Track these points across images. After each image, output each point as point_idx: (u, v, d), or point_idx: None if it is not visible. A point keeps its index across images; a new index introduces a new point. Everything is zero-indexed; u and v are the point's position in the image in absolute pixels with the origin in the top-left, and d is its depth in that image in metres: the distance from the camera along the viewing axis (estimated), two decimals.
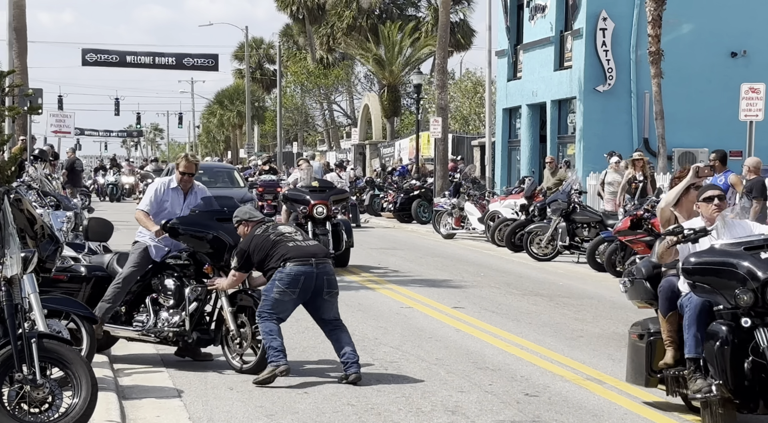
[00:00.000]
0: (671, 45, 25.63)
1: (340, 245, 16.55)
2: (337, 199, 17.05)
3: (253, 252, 8.74)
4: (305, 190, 16.97)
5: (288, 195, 17.20)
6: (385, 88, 52.15)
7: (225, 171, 26.49)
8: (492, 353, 10.13)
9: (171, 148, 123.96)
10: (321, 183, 17.56)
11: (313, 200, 16.31)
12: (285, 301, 8.60)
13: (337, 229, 16.58)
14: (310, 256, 8.64)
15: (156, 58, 45.74)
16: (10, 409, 6.29)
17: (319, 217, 16.23)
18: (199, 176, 25.23)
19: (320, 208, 16.21)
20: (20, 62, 26.76)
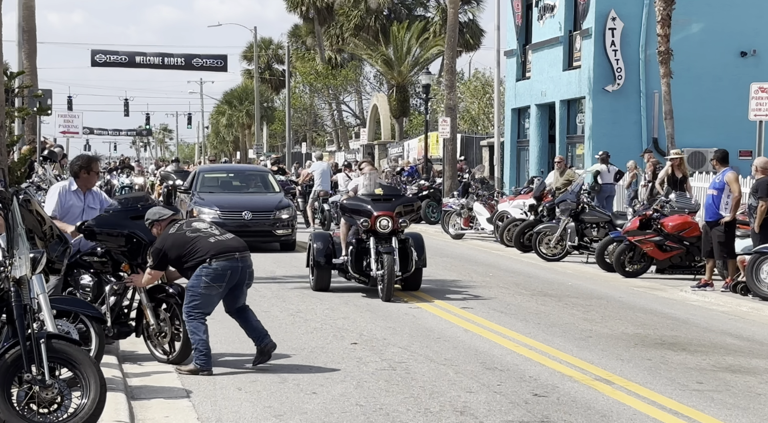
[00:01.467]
0: (680, 44, 25.58)
1: (409, 265, 13.82)
2: (405, 209, 14.15)
3: (169, 250, 8.90)
4: (367, 198, 14.09)
5: (346, 205, 14.31)
6: (394, 89, 52.17)
7: (258, 174, 23.66)
8: (501, 353, 10.12)
9: (180, 148, 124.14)
10: (386, 190, 14.40)
11: (376, 211, 13.65)
12: (212, 295, 8.90)
13: (405, 246, 13.83)
14: (234, 251, 8.91)
15: (165, 58, 45.81)
16: (19, 409, 6.31)
17: (383, 231, 13.57)
18: (229, 180, 22.60)
19: (384, 220, 13.54)
20: (30, 63, 26.82)
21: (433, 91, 45.81)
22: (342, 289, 14.47)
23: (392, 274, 13.19)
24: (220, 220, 18.98)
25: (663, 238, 16.48)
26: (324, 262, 14.16)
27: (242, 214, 19.98)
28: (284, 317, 12.33)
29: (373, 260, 13.48)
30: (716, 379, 9.14)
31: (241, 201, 20.73)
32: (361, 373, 9.17)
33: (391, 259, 13.25)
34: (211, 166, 28.86)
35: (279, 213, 20.24)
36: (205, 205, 20.15)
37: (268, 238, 20.13)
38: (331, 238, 14.49)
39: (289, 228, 20.29)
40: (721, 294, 14.60)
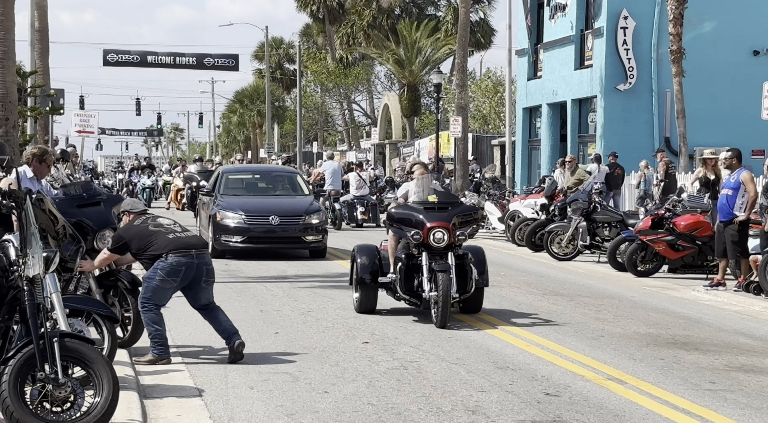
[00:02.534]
0: (693, 43, 25.53)
1: (468, 285, 11.76)
2: (463, 219, 12.17)
3: (131, 239, 9.25)
4: (418, 207, 11.96)
5: (394, 214, 12.25)
6: (405, 88, 52.16)
7: (286, 176, 21.84)
8: (512, 353, 10.11)
9: (191, 147, 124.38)
10: (441, 197, 12.23)
11: (429, 222, 11.67)
12: (166, 288, 9.21)
13: (464, 263, 11.81)
14: (190, 248, 9.21)
15: (177, 58, 45.89)
16: (33, 407, 6.32)
17: (437, 245, 11.58)
18: (255, 181, 21.25)
19: (439, 232, 11.59)
20: (42, 63, 26.92)
21: (445, 91, 45.79)
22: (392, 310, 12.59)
23: (448, 296, 11.15)
24: (245, 225, 18.39)
25: (675, 237, 16.44)
26: (370, 279, 12.18)
27: (269, 218, 18.64)
28: (296, 316, 12.34)
29: (425, 279, 11.45)
30: (729, 379, 9.11)
31: (267, 204, 19.37)
32: (372, 372, 9.17)
33: (446, 278, 11.20)
34: (235, 167, 26.58)
35: (309, 218, 18.88)
36: (229, 209, 18.82)
37: (297, 244, 18.97)
38: (378, 251, 12.49)
39: (319, 234, 18.92)
40: (733, 293, 14.56)
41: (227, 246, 18.48)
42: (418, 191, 12.25)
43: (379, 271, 12.19)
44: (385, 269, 12.18)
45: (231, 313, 12.50)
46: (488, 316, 12.38)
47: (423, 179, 12.48)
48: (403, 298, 12.01)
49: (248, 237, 18.44)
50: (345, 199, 27.29)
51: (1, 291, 6.64)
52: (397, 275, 11.82)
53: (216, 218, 18.61)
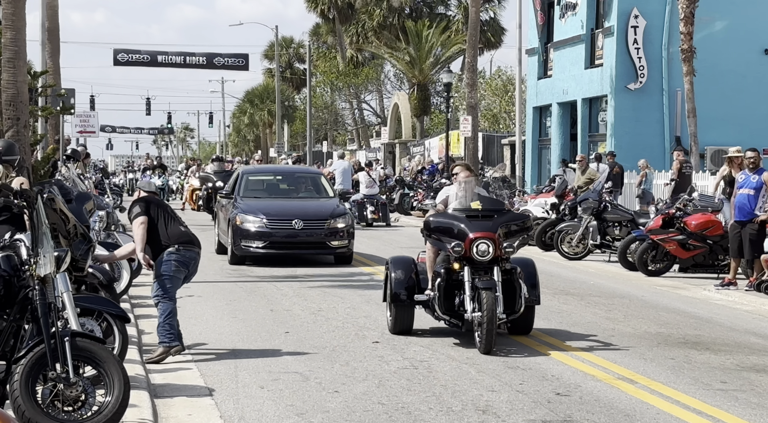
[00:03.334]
0: (704, 42, 25.45)
1: (517, 304, 10.30)
2: (511, 229, 10.54)
3: (151, 202, 9.66)
4: (460, 215, 10.49)
5: (433, 223, 10.69)
6: (415, 87, 52.13)
7: (309, 177, 20.60)
8: (522, 352, 10.09)
9: (202, 147, 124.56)
10: (485, 204, 10.69)
11: (473, 232, 10.21)
12: (179, 278, 9.63)
13: (511, 278, 10.35)
14: (196, 246, 9.79)
15: (187, 57, 45.96)
16: (44, 407, 6.34)
17: (481, 258, 10.14)
18: (277, 183, 20.24)
19: (483, 244, 10.14)
20: (53, 62, 26.98)
21: (455, 90, 45.75)
22: (431, 331, 11.21)
23: (494, 318, 9.78)
24: (266, 229, 17.43)
25: (686, 236, 16.40)
26: (406, 296, 10.78)
27: (292, 222, 17.53)
28: (306, 316, 12.35)
29: (467, 297, 10.04)
30: (740, 379, 9.09)
31: (290, 208, 18.25)
32: (383, 371, 9.17)
33: (491, 296, 9.81)
34: (256, 168, 25.03)
35: (334, 221, 17.73)
36: (249, 212, 17.70)
37: (322, 249, 17.96)
38: (415, 264, 11.08)
39: (345, 238, 17.80)
40: (744, 293, 14.51)
41: (248, 251, 17.55)
42: (461, 197, 10.68)
43: (416, 286, 10.80)
44: (423, 284, 10.76)
45: (241, 313, 12.54)
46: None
47: (466, 183, 10.79)
48: (442, 319, 10.56)
49: (270, 242, 17.46)
50: (355, 199, 27.30)
51: (13, 290, 6.65)
52: (436, 292, 10.34)
53: (236, 222, 17.58)
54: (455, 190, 10.94)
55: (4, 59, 15.45)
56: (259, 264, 17.54)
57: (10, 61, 15.18)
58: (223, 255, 18.48)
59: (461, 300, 10.22)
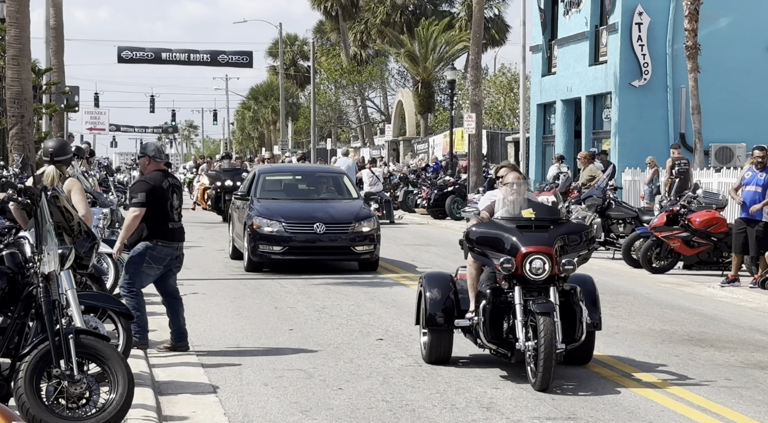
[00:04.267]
0: (708, 39, 25.39)
1: (577, 332, 8.73)
2: (570, 242, 8.92)
3: (155, 190, 9.52)
4: (509, 225, 8.88)
5: (476, 235, 9.01)
6: (419, 84, 52.11)
7: (330, 177, 19.05)
8: None
9: (206, 144, 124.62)
10: (539, 212, 9.06)
11: (525, 246, 8.62)
12: (150, 274, 9.60)
13: (570, 301, 8.80)
14: (178, 242, 9.68)
15: (191, 55, 45.98)
16: (48, 404, 6.35)
17: (535, 277, 8.59)
18: (296, 183, 18.94)
19: (537, 260, 8.57)
20: (57, 60, 27.01)
21: (459, 87, 45.73)
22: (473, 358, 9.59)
23: (552, 349, 8.21)
24: (286, 233, 16.20)
25: (690, 233, 16.38)
26: (443, 320, 9.25)
27: (313, 226, 16.27)
28: (310, 313, 12.35)
29: (519, 323, 8.50)
30: (745, 376, 9.08)
31: (311, 210, 16.91)
32: (386, 369, 9.17)
33: (549, 323, 8.27)
34: (273, 167, 22.93)
35: (358, 225, 16.47)
36: (267, 216, 16.44)
37: (346, 255, 16.60)
38: (453, 282, 9.52)
39: (371, 243, 16.49)
40: (749, 290, 14.49)
41: (265, 257, 16.29)
42: (510, 202, 9.09)
43: (455, 308, 9.25)
44: (463, 306, 9.23)
45: (245, 310, 12.55)
46: None
47: (516, 187, 9.17)
48: (487, 347, 8.95)
49: (289, 247, 16.18)
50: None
51: (17, 288, 6.66)
52: (480, 316, 8.81)
53: (252, 226, 16.29)
54: (502, 196, 9.25)
55: (8, 57, 15.48)
56: (277, 271, 16.34)
57: (14, 58, 15.21)
58: (238, 261, 17.43)
59: (510, 326, 8.64)
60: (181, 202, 9.98)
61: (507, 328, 8.71)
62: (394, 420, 7.47)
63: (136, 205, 9.49)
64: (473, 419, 7.52)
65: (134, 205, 9.50)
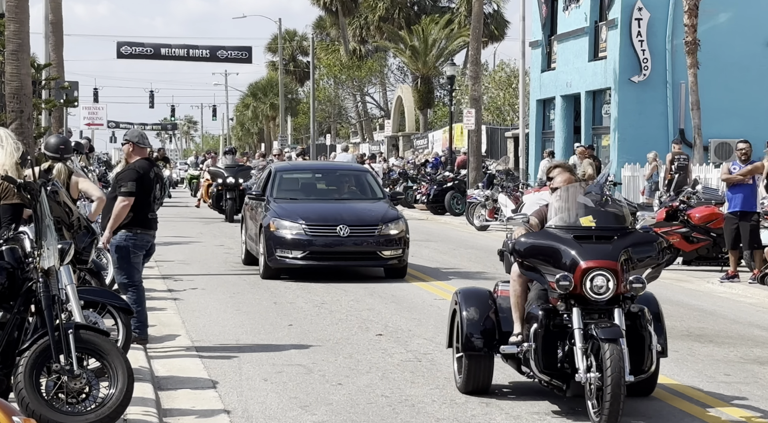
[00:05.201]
0: (708, 35, 25.39)
1: (645, 361, 7.38)
2: (638, 255, 7.51)
3: (144, 176, 9.56)
4: (564, 235, 7.51)
5: (523, 246, 7.56)
6: (419, 80, 52.11)
7: (353, 175, 17.60)
8: None
9: (205, 140, 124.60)
10: (600, 219, 7.68)
11: (585, 260, 7.26)
12: (137, 262, 9.68)
13: (638, 325, 7.42)
14: (153, 230, 9.79)
15: (190, 50, 45.95)
16: (48, 399, 6.35)
17: (597, 296, 7.24)
18: (316, 182, 17.45)
19: (600, 277, 7.21)
20: (56, 55, 26.98)
21: (458, 83, 45.70)
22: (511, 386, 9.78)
23: (620, 383, 6.92)
24: (306, 236, 14.79)
25: (690, 229, 16.38)
26: (482, 345, 7.97)
27: (336, 228, 14.84)
28: (309, 308, 12.36)
29: (578, 351, 7.14)
30: (744, 371, 9.08)
31: (334, 211, 15.50)
32: (386, 364, 9.18)
33: (616, 352, 6.96)
34: (291, 164, 21.38)
35: (386, 227, 14.99)
36: (286, 217, 15.05)
37: (372, 261, 15.19)
38: (493, 299, 8.23)
39: (399, 247, 15.02)
40: (748, 286, 14.50)
41: (284, 263, 14.81)
42: (563, 209, 7.74)
43: (497, 330, 8.00)
44: (505, 327, 7.97)
45: (244, 305, 12.56)
46: None
47: (570, 191, 7.90)
48: (539, 378, 7.53)
49: (310, 252, 14.76)
50: None
51: (17, 283, 6.66)
52: (531, 342, 7.44)
53: (269, 228, 14.89)
54: (555, 200, 7.88)
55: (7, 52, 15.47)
56: (296, 278, 14.89)
57: (13, 53, 15.20)
58: (252, 266, 15.93)
59: (566, 352, 7.32)
60: (161, 193, 10.01)
61: (562, 356, 7.36)
62: (393, 415, 7.47)
63: (125, 194, 9.46)
64: (473, 414, 7.53)
65: (123, 195, 9.47)
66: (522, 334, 7.65)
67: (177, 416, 7.38)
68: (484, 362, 8.05)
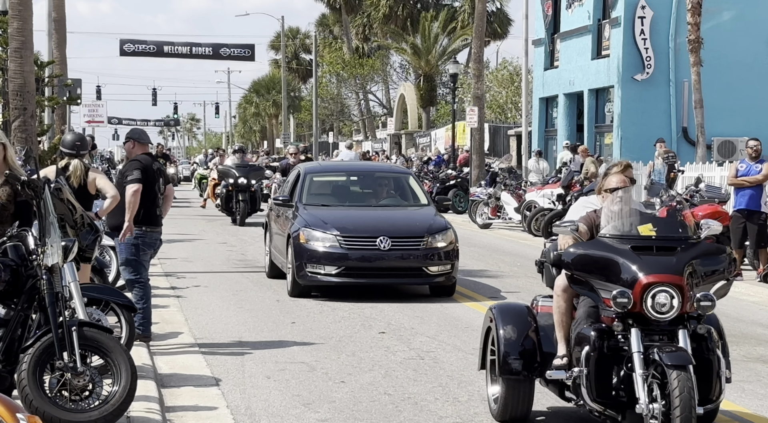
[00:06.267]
0: (711, 33, 25.37)
1: (714, 389, 6.49)
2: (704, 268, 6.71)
3: (147, 168, 9.61)
4: (620, 246, 6.59)
5: (571, 257, 6.75)
6: (421, 78, 52.11)
7: (392, 177, 15.48)
8: None
9: (207, 137, 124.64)
10: (660, 227, 6.73)
11: (645, 274, 6.39)
12: (146, 260, 9.72)
13: (704, 347, 6.52)
14: (160, 226, 9.80)
15: (193, 48, 45.93)
16: (52, 396, 6.36)
17: (660, 316, 6.39)
18: (349, 183, 15.55)
19: (663, 293, 6.36)
20: (59, 53, 27.00)
21: (461, 81, 45.70)
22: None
23: (690, 414, 6.08)
24: (341, 249, 12.90)
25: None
26: (522, 367, 7.16)
27: (376, 241, 12.91)
28: (312, 306, 12.36)
29: (638, 378, 6.24)
30: (747, 370, 9.08)
31: (373, 220, 13.60)
32: (389, 362, 9.18)
33: (685, 380, 6.10)
34: (321, 165, 18.57)
35: (432, 239, 13.10)
36: (317, 226, 13.16)
37: (417, 278, 13.24)
38: (533, 317, 7.42)
39: (448, 262, 13.16)
40: (751, 284, 14.49)
41: (315, 280, 12.98)
42: (619, 216, 6.74)
43: (538, 351, 7.17)
44: (545, 346, 7.15)
45: (247, 303, 12.56)
46: None
47: (625, 194, 6.87)
48: (591, 407, 6.60)
49: (346, 267, 12.91)
50: None
51: (20, 280, 6.67)
52: (583, 367, 6.51)
53: (299, 240, 13.04)
54: (608, 205, 6.86)
55: (11, 49, 15.48)
56: (329, 296, 13.06)
57: (17, 51, 15.21)
58: (278, 280, 14.24)
59: (621, 379, 6.44)
60: (166, 187, 9.94)
61: (617, 383, 6.46)
62: (396, 413, 7.48)
63: (133, 181, 9.47)
64: (475, 412, 7.53)
65: (132, 182, 9.48)
66: (567, 356, 6.78)
67: (180, 413, 7.39)
68: (524, 387, 7.23)
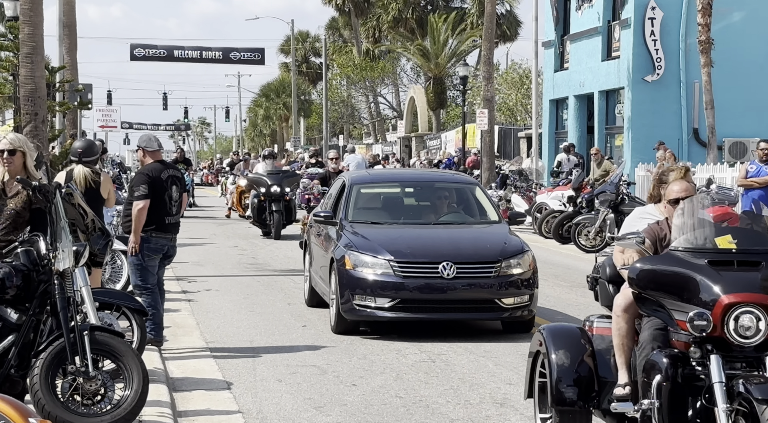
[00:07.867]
0: (721, 33, 25.30)
1: None
2: None
3: (155, 180, 9.61)
4: (696, 261, 5.80)
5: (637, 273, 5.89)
6: (431, 80, 52.08)
7: (455, 188, 12.87)
8: None
9: (218, 141, 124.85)
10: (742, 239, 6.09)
11: (727, 293, 5.57)
12: (153, 265, 9.67)
13: None
14: (172, 234, 9.77)
15: (203, 52, 46.04)
16: (64, 400, 6.38)
17: (744, 341, 5.55)
18: (404, 198, 13.03)
19: (748, 315, 5.53)
20: (70, 58, 27.08)
21: (471, 83, 45.67)
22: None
23: None
24: (395, 277, 10.57)
25: None
26: (577, 396, 6.35)
27: (438, 267, 10.56)
28: (323, 309, 12.35)
29: (721, 413, 5.40)
30: None
31: (433, 241, 11.18)
32: (400, 364, 9.18)
33: None
34: (370, 175, 14.93)
35: (507, 265, 10.76)
36: (367, 250, 10.84)
37: (488, 312, 10.81)
38: (589, 339, 6.53)
39: (526, 292, 10.79)
40: None
41: (364, 314, 10.66)
42: (690, 228, 6.03)
43: (594, 378, 6.36)
44: (602, 372, 6.36)
45: (258, 307, 12.58)
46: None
47: (692, 204, 6.16)
48: None
49: (401, 300, 10.56)
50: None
51: (32, 285, 6.69)
52: (655, 398, 5.65)
53: (344, 266, 10.78)
54: (677, 216, 6.09)
55: (22, 55, 15.53)
56: (380, 333, 10.83)
57: (27, 56, 15.25)
58: (319, 308, 12.15)
59: (697, 411, 5.61)
60: (181, 194, 9.92)
61: (692, 416, 5.62)
62: (407, 416, 7.48)
63: (139, 198, 9.54)
64: (487, 415, 7.53)
65: (138, 199, 9.54)
66: (629, 384, 6.00)
67: (192, 417, 7.40)
68: (580, 419, 6.39)
